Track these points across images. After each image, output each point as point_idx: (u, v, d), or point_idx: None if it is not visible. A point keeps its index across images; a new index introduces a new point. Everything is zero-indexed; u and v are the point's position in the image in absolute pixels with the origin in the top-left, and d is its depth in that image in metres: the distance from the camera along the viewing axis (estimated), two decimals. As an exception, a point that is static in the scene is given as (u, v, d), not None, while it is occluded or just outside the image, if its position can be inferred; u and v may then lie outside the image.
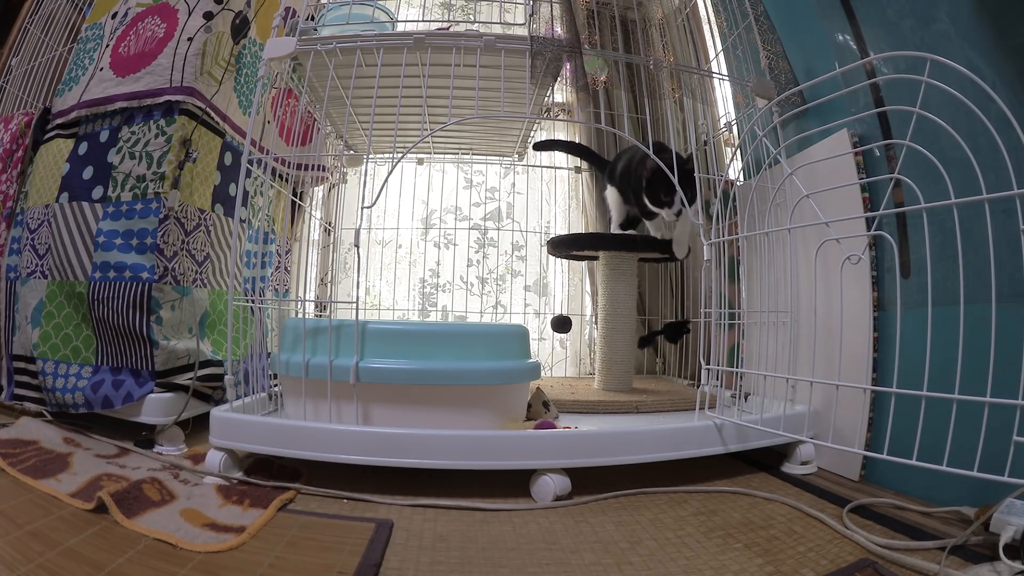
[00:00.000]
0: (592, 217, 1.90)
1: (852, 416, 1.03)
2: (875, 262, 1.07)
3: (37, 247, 1.32)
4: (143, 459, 1.07)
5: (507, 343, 1.10)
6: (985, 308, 0.70)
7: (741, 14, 1.34)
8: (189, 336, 1.26)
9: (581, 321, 1.92)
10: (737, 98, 1.44)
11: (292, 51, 1.11)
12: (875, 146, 1.07)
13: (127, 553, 0.67)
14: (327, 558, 0.69)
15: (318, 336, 1.03)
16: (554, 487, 0.93)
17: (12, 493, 0.83)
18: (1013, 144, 0.66)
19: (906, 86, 0.92)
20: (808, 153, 1.17)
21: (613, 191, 1.51)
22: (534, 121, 1.63)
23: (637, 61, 1.35)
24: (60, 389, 1.21)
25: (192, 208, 1.29)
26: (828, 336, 1.01)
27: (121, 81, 1.30)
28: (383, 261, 1.97)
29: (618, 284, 1.45)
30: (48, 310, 1.27)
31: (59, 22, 1.66)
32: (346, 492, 0.93)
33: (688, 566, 0.71)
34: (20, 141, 1.45)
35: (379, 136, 1.60)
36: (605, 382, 1.44)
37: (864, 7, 1.10)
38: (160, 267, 1.20)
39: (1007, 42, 0.83)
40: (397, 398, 1.00)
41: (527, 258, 1.99)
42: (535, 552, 0.74)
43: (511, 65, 1.15)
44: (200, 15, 1.31)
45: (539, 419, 1.12)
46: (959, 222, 0.75)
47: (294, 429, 0.97)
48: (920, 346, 0.82)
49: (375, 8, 1.32)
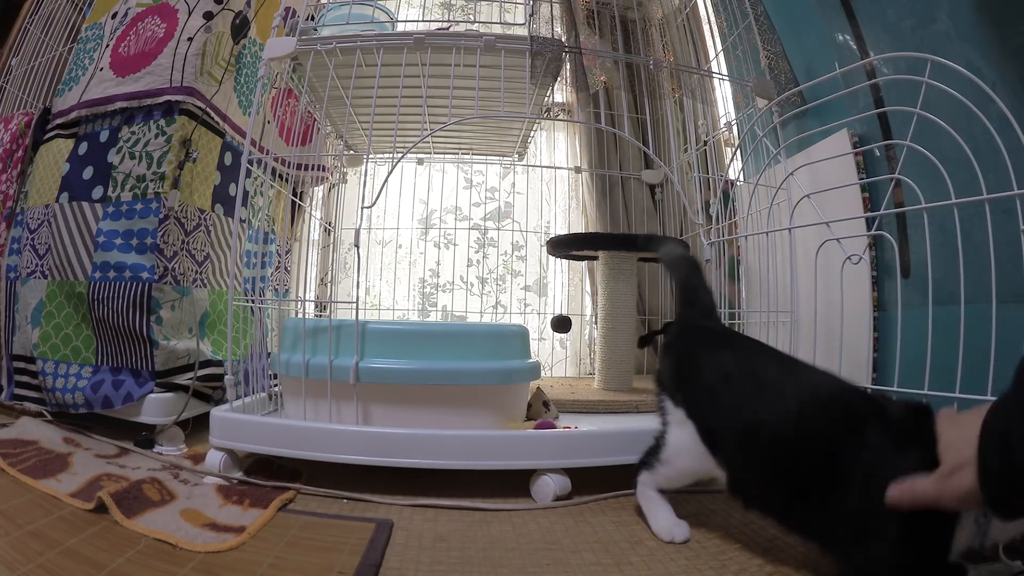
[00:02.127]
0: (592, 217, 1.90)
1: (852, 416, 1.03)
2: (875, 262, 1.07)
3: (37, 247, 1.32)
4: (143, 459, 1.06)
5: (507, 343, 1.10)
6: (985, 308, 0.70)
7: (741, 14, 1.34)
8: (189, 336, 1.26)
9: (581, 321, 1.92)
10: (737, 98, 1.44)
11: (292, 51, 1.11)
12: (875, 146, 1.07)
13: (127, 553, 0.67)
14: (327, 558, 0.69)
15: (318, 336, 1.03)
16: (554, 487, 0.93)
17: (12, 493, 0.83)
18: (1013, 144, 0.66)
19: (906, 86, 0.92)
20: (808, 153, 1.17)
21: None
22: (534, 121, 1.63)
23: (637, 61, 1.35)
24: (60, 389, 1.21)
25: (192, 208, 1.29)
26: (828, 336, 1.01)
27: (121, 81, 1.30)
28: (383, 261, 1.97)
29: (618, 284, 1.45)
30: (48, 310, 1.27)
31: (59, 22, 1.66)
32: (346, 492, 0.93)
33: (688, 566, 0.71)
34: (20, 141, 1.45)
35: (379, 136, 1.60)
36: (605, 382, 1.44)
37: (864, 7, 1.10)
38: (160, 267, 1.20)
39: (1007, 42, 0.83)
40: (397, 398, 1.00)
41: (527, 258, 1.99)
42: (535, 552, 0.74)
43: (511, 65, 1.15)
44: (200, 15, 1.31)
45: (539, 419, 1.12)
46: (959, 222, 0.75)
47: (294, 429, 0.97)
48: (920, 346, 0.82)
49: (375, 8, 1.32)
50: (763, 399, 0.67)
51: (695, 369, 0.77)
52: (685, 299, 0.89)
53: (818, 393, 0.64)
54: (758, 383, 0.69)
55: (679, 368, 0.81)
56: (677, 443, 0.77)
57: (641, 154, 1.91)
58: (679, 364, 0.81)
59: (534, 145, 1.89)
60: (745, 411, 0.68)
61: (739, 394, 0.70)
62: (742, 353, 0.75)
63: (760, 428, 0.66)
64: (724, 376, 0.72)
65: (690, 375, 0.78)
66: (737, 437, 0.69)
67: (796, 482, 0.62)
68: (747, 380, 0.70)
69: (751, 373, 0.71)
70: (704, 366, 0.76)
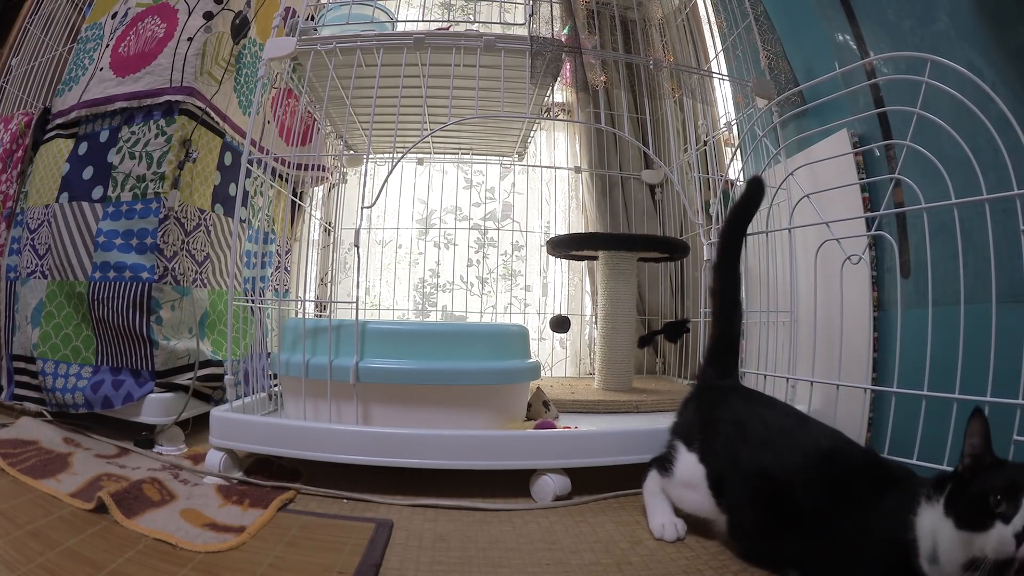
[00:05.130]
0: (592, 217, 1.90)
1: (852, 416, 1.03)
2: (875, 262, 1.07)
3: (37, 247, 1.32)
4: (143, 459, 1.06)
5: (507, 343, 1.10)
6: (985, 308, 0.70)
7: (741, 14, 1.34)
8: (189, 336, 1.26)
9: (581, 321, 1.92)
10: (737, 98, 1.44)
11: (292, 51, 1.11)
12: (875, 146, 1.07)
13: (127, 553, 0.67)
14: (327, 558, 0.69)
15: (318, 336, 1.03)
16: (554, 487, 0.93)
17: (12, 493, 0.83)
18: (1013, 144, 0.66)
19: (906, 86, 0.92)
20: (808, 153, 1.17)
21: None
22: (534, 121, 1.63)
23: (637, 61, 1.35)
24: (60, 389, 1.21)
25: (192, 208, 1.29)
26: (828, 336, 1.01)
27: (121, 81, 1.30)
28: (383, 261, 1.97)
29: (618, 284, 1.45)
30: (48, 310, 1.27)
31: (59, 22, 1.66)
32: (346, 492, 0.93)
33: (688, 566, 0.71)
34: (20, 141, 1.45)
35: (379, 136, 1.60)
36: (605, 382, 1.44)
37: (864, 7, 1.10)
38: (160, 267, 1.20)
39: (1007, 42, 0.83)
40: (397, 398, 1.00)
41: (527, 258, 1.99)
42: (535, 552, 0.74)
43: (511, 65, 1.15)
44: (200, 15, 1.31)
45: (539, 419, 1.12)
46: (959, 222, 0.75)
47: (294, 429, 0.97)
48: (920, 346, 0.82)
49: (375, 8, 1.32)
50: (774, 452, 0.71)
51: (713, 422, 0.80)
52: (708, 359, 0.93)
53: (823, 451, 0.68)
54: (770, 437, 0.72)
55: (699, 419, 0.84)
56: (685, 474, 0.79)
57: (641, 154, 1.91)
58: (700, 415, 0.85)
59: (534, 145, 1.89)
60: (754, 461, 0.71)
61: (751, 445, 0.73)
62: (758, 409, 0.79)
63: (767, 479, 0.69)
64: (739, 428, 0.76)
65: (708, 426, 0.81)
66: (745, 486, 0.72)
67: (795, 531, 0.66)
68: (760, 433, 0.74)
69: (764, 428, 0.74)
70: (721, 420, 0.79)
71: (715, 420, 0.79)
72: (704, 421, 0.82)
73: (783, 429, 0.73)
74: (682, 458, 0.80)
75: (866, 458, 0.67)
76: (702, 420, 0.82)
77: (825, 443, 0.69)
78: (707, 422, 0.81)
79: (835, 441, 0.70)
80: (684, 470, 0.79)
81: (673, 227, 1.87)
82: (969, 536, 0.52)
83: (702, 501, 0.77)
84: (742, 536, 0.73)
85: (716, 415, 0.80)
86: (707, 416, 0.82)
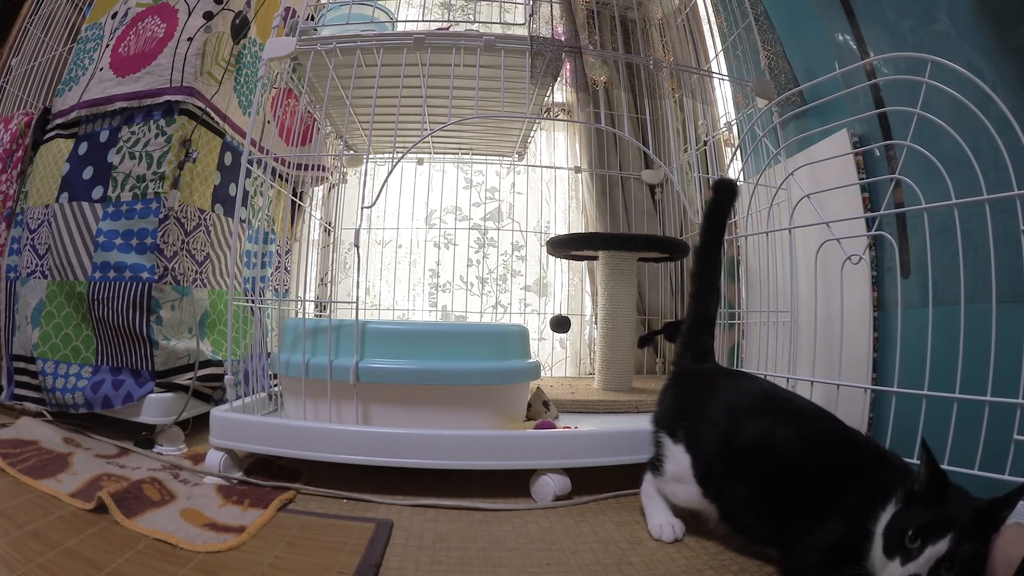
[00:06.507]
0: (592, 217, 1.90)
1: (852, 416, 1.03)
2: (875, 262, 1.07)
3: (37, 247, 1.32)
4: (143, 459, 1.06)
5: (507, 343, 1.10)
6: (985, 308, 0.70)
7: (741, 14, 1.34)
8: (189, 336, 1.26)
9: (581, 321, 1.92)
10: (737, 98, 1.44)
11: (292, 51, 1.11)
12: (875, 146, 1.07)
13: (127, 553, 0.67)
14: (327, 558, 0.69)
15: (318, 336, 1.03)
16: (554, 487, 0.93)
17: (12, 493, 0.83)
18: (1013, 144, 0.66)
19: (906, 86, 0.92)
20: (808, 153, 1.17)
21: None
22: (534, 121, 1.63)
23: (637, 61, 1.35)
24: (60, 389, 1.21)
25: (192, 208, 1.29)
26: (828, 336, 1.01)
27: (121, 81, 1.30)
28: (383, 261, 1.97)
29: (618, 284, 1.45)
30: (48, 310, 1.27)
31: (59, 22, 1.66)
32: (346, 492, 0.93)
33: (688, 566, 0.71)
34: (20, 141, 1.45)
35: (379, 136, 1.60)
36: (605, 382, 1.44)
37: (864, 7, 1.10)
38: (160, 267, 1.20)
39: (1007, 42, 0.83)
40: (397, 398, 1.00)
41: (527, 258, 1.99)
42: (535, 552, 0.74)
43: (511, 65, 1.15)
44: (200, 15, 1.31)
45: (539, 419, 1.12)
46: (959, 222, 0.75)
47: (294, 429, 0.97)
48: (920, 346, 0.82)
49: (375, 8, 1.32)
50: (769, 419, 0.71)
51: (697, 405, 0.80)
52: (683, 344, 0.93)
53: (819, 426, 0.70)
54: (762, 407, 0.73)
55: (681, 405, 0.84)
56: (674, 468, 0.79)
57: (641, 154, 1.91)
58: (682, 401, 0.85)
59: (534, 145, 1.89)
60: (746, 433, 0.72)
61: (741, 417, 0.73)
62: (744, 384, 0.79)
63: (761, 450, 0.70)
64: (727, 405, 0.75)
65: (691, 411, 0.80)
66: (738, 459, 0.72)
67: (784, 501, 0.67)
68: (750, 404, 0.74)
69: (753, 399, 0.74)
70: (705, 402, 0.79)
71: (699, 403, 0.79)
72: (686, 406, 0.81)
73: (774, 398, 0.74)
74: (669, 452, 0.80)
75: (858, 439, 0.68)
76: (685, 406, 0.82)
77: (820, 419, 0.70)
78: (690, 407, 0.81)
79: (830, 421, 0.71)
80: (672, 464, 0.79)
81: (673, 227, 1.87)
82: (883, 559, 0.55)
83: (691, 492, 0.76)
84: (734, 516, 0.73)
85: (700, 398, 0.79)
86: (689, 401, 0.82)
